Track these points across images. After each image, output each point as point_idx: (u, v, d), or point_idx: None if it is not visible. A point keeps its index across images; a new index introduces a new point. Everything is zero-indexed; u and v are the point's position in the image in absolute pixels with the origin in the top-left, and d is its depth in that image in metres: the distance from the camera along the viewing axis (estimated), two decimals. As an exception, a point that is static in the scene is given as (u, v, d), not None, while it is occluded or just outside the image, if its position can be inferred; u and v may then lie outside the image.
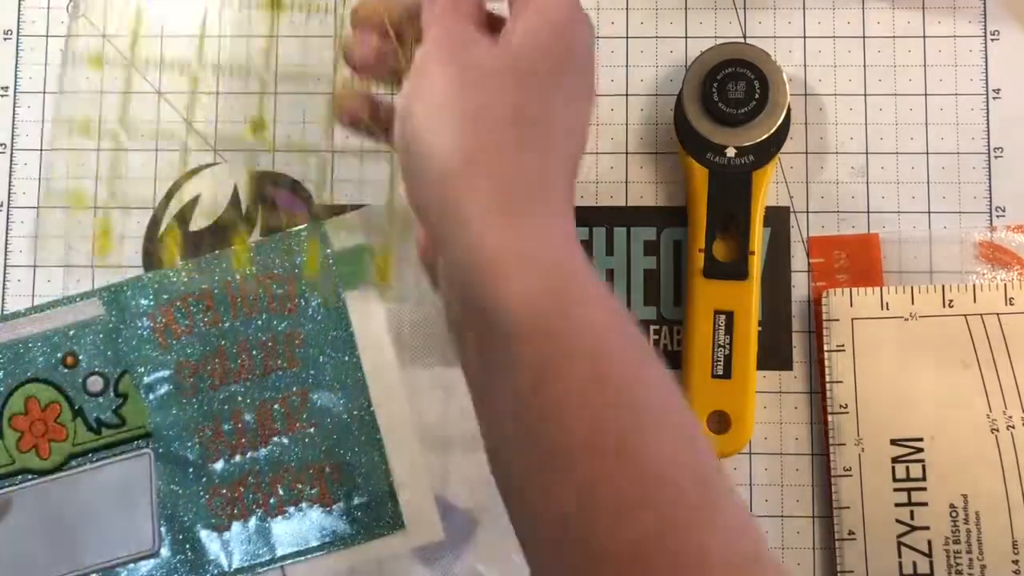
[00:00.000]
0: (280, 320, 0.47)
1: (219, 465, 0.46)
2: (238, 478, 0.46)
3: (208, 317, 0.47)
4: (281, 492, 0.45)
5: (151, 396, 0.46)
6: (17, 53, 0.50)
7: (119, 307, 0.47)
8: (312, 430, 0.46)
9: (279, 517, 0.45)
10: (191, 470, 0.46)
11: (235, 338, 0.46)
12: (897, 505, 0.44)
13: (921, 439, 0.44)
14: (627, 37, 0.49)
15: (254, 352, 0.46)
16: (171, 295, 0.47)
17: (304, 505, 0.45)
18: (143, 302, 0.47)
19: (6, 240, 0.49)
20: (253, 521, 0.45)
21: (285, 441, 0.46)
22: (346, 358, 0.46)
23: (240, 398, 0.46)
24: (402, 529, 0.45)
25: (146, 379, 0.46)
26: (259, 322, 0.47)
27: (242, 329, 0.46)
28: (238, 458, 0.46)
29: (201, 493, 0.46)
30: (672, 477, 0.28)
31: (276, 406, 0.46)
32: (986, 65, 0.48)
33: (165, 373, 0.46)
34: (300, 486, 0.46)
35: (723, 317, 0.45)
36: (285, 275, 0.47)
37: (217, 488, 0.46)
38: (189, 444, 0.46)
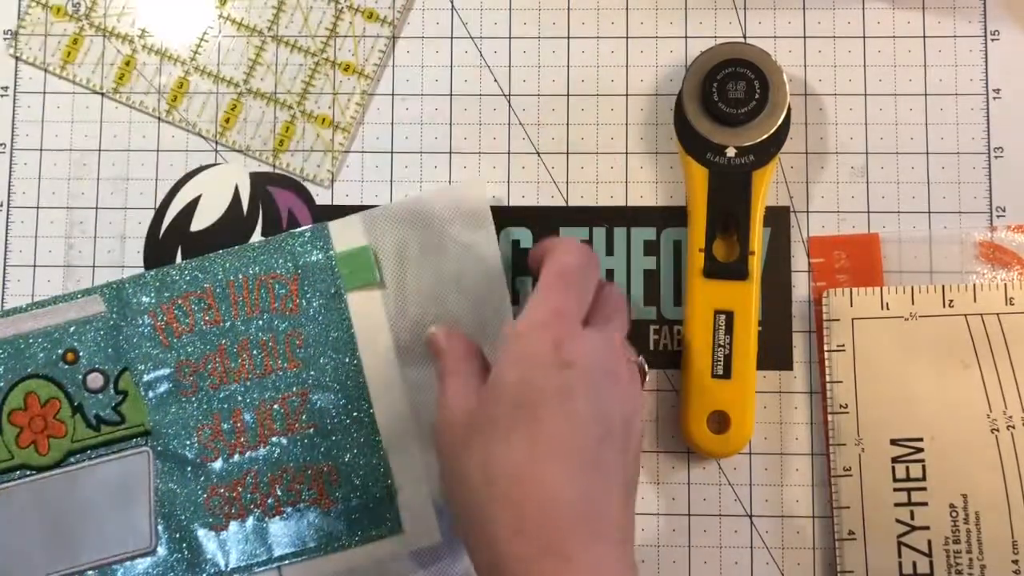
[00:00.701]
0: (281, 320, 0.46)
1: (218, 464, 0.46)
2: (236, 477, 0.45)
3: (209, 316, 0.46)
4: (279, 492, 0.45)
5: (151, 394, 0.46)
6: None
7: (120, 304, 0.46)
8: (311, 431, 0.46)
9: (277, 517, 0.45)
10: (189, 469, 0.46)
11: (236, 337, 0.46)
12: (897, 505, 0.44)
13: (921, 439, 0.44)
14: (627, 37, 0.49)
15: (254, 352, 0.46)
16: (173, 293, 0.46)
17: (302, 506, 0.45)
18: (145, 299, 0.46)
19: (6, 240, 0.49)
20: (251, 521, 0.45)
21: (284, 441, 0.46)
22: (346, 359, 0.46)
23: (240, 397, 0.46)
24: (400, 532, 0.45)
25: (146, 377, 0.46)
26: (260, 322, 0.46)
27: (243, 328, 0.46)
28: (237, 457, 0.46)
29: (199, 492, 0.45)
30: None
31: (276, 406, 0.46)
32: (986, 65, 0.48)
33: (165, 371, 0.46)
34: (298, 487, 0.45)
35: (723, 317, 0.45)
36: (287, 275, 0.47)
37: (215, 487, 0.45)
38: (188, 443, 0.46)
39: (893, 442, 0.44)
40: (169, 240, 0.48)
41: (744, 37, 0.48)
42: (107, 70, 0.49)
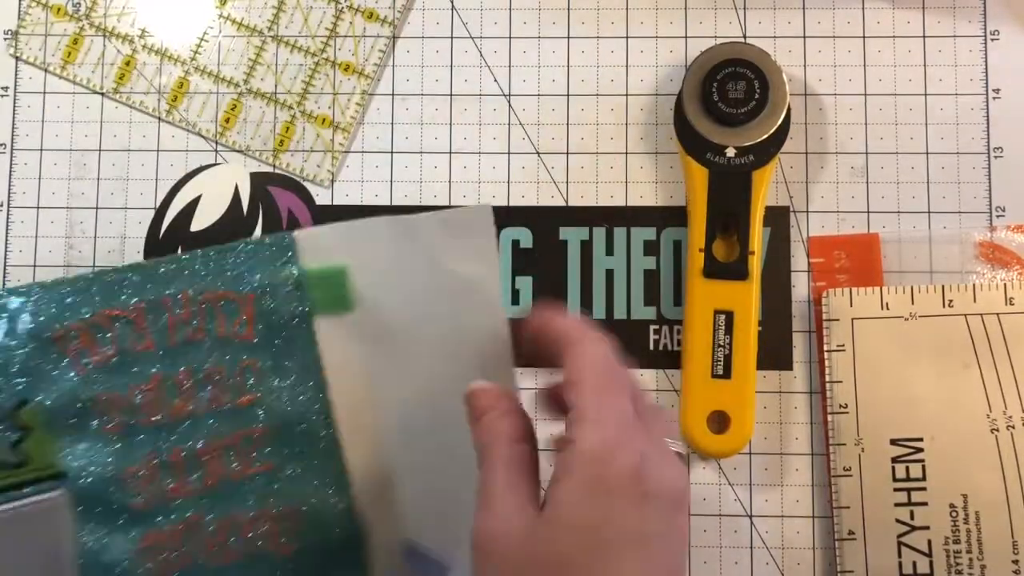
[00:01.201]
0: (231, 346, 0.39)
1: (154, 510, 0.39)
2: (177, 524, 0.39)
3: (138, 339, 0.39)
4: (231, 540, 0.39)
5: (62, 429, 0.38)
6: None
7: (10, 323, 0.38)
8: (268, 471, 0.40)
9: (227, 566, 0.39)
10: (122, 517, 0.39)
11: (174, 366, 0.39)
12: (897, 505, 0.44)
13: (921, 439, 0.44)
14: (627, 37, 0.49)
15: (198, 383, 0.39)
16: (91, 309, 0.39)
17: (257, 553, 0.39)
18: (46, 317, 0.39)
19: (6, 240, 0.49)
20: (196, 572, 0.39)
21: (235, 483, 0.39)
22: (311, 393, 0.39)
23: (181, 434, 0.39)
24: None
25: (54, 408, 0.38)
26: (204, 348, 0.39)
27: (182, 355, 0.39)
28: (180, 502, 0.39)
29: (132, 543, 0.39)
30: None
31: (225, 444, 0.39)
32: (986, 65, 0.48)
33: (80, 404, 0.38)
34: (251, 534, 0.39)
35: (723, 317, 0.45)
36: (240, 294, 0.39)
37: (153, 535, 0.39)
38: (116, 487, 0.39)
39: (893, 442, 0.44)
40: (169, 240, 0.48)
41: (744, 37, 0.48)
42: (107, 70, 0.50)
